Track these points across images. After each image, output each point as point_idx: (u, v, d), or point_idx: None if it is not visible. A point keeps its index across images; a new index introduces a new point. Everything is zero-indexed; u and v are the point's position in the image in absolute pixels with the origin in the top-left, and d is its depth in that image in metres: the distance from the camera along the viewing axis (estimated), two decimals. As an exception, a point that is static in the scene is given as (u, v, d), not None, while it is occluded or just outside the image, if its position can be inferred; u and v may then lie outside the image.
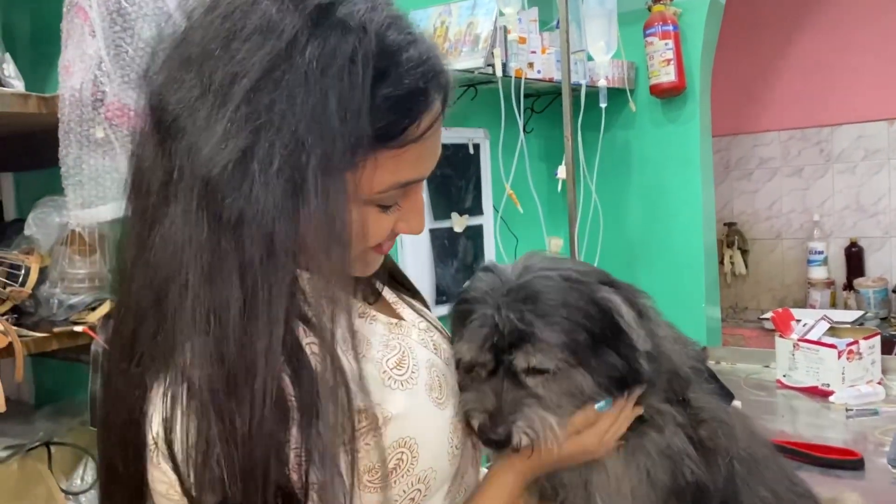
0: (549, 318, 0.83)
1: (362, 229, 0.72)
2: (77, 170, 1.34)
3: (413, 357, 0.82)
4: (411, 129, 0.69)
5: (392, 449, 0.75)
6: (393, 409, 0.76)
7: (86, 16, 1.33)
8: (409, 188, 0.75)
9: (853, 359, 2.06)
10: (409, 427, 0.77)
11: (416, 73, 0.68)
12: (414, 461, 0.77)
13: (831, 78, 3.60)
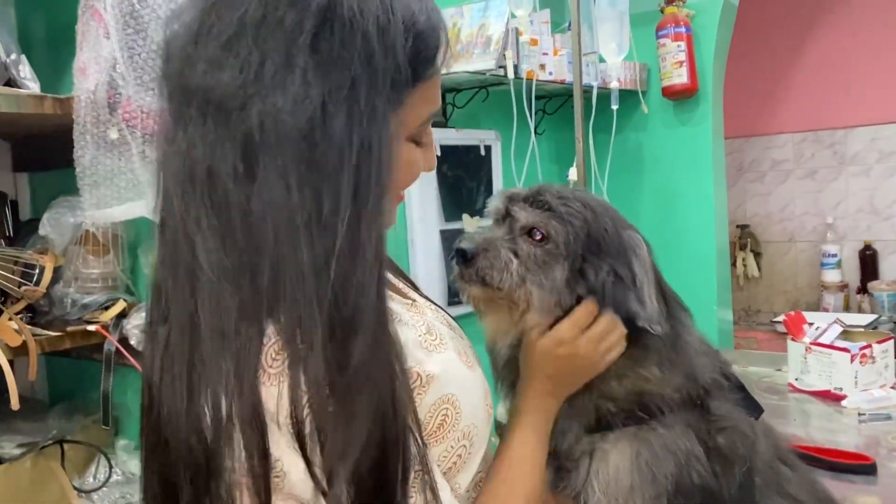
0: (567, 209, 0.90)
1: (407, 167, 0.78)
2: (92, 170, 1.36)
3: (437, 328, 0.86)
4: (437, 60, 0.75)
5: (437, 406, 0.78)
6: (432, 369, 0.79)
7: (101, 18, 1.34)
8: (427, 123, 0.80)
9: (866, 363, 2.05)
10: (448, 384, 0.80)
11: (429, 8, 0.74)
12: (458, 416, 0.80)
13: (845, 80, 3.58)
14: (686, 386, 0.93)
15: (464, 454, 0.82)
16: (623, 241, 0.92)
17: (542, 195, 0.92)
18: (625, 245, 0.92)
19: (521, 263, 0.89)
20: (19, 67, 1.41)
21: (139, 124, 1.33)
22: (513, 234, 0.91)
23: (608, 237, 0.91)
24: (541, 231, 0.90)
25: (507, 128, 2.26)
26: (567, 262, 0.89)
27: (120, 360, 1.46)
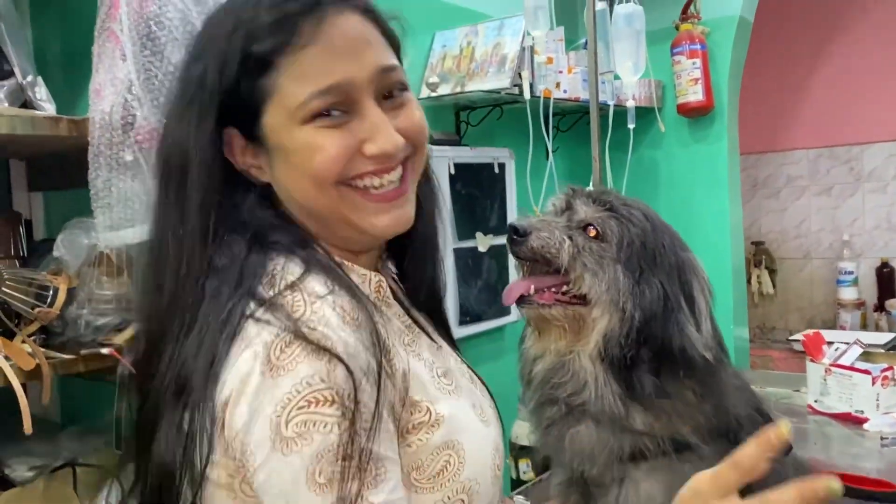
0: (628, 213, 0.90)
1: (311, 151, 0.74)
2: (106, 192, 1.35)
3: (454, 375, 0.83)
4: (292, 40, 0.73)
5: (440, 450, 0.75)
6: (442, 411, 0.76)
7: (117, 40, 1.34)
8: (356, 104, 0.75)
9: (888, 385, 2.01)
10: (456, 431, 0.76)
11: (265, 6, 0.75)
12: (460, 467, 0.76)
13: (860, 96, 3.55)
14: (719, 418, 0.90)
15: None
16: (681, 261, 0.91)
17: (606, 195, 0.92)
18: (683, 265, 0.91)
19: (574, 246, 0.88)
20: (35, 89, 1.41)
21: (154, 146, 1.32)
22: (570, 224, 0.90)
23: (664, 253, 0.89)
24: (597, 228, 0.89)
25: (521, 146, 2.25)
26: (620, 266, 0.87)
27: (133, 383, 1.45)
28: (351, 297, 0.72)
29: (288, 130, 0.74)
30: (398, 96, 0.79)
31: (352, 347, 0.68)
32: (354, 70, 0.74)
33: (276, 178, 0.78)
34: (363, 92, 0.75)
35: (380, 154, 0.75)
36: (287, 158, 0.75)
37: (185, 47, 0.82)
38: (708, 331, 0.88)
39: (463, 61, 2.16)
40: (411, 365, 0.76)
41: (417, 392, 0.74)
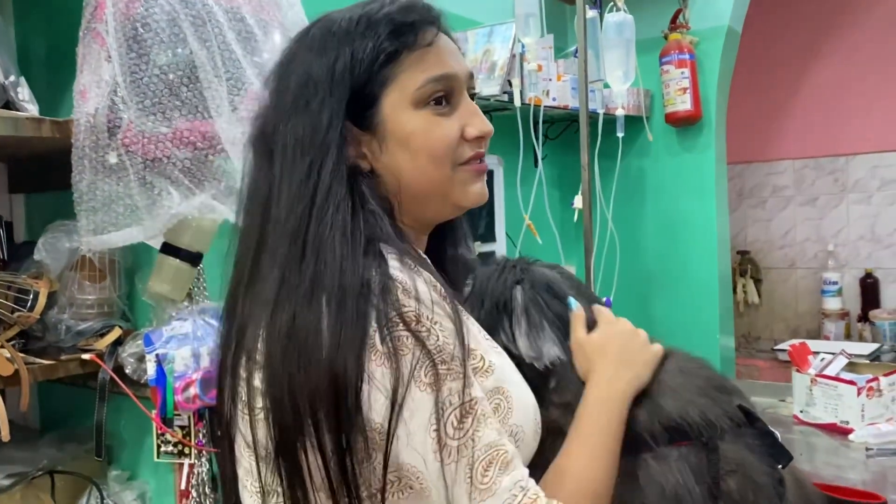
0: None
1: (424, 133, 0.86)
2: (90, 195, 1.33)
3: (500, 347, 0.94)
4: (416, 41, 0.87)
5: (493, 393, 0.83)
6: (493, 360, 0.85)
7: (102, 41, 1.31)
8: (454, 97, 0.89)
9: (873, 396, 2.02)
10: (504, 381, 0.85)
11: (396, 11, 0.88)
12: (509, 411, 0.84)
13: (847, 107, 3.58)
14: (660, 420, 0.94)
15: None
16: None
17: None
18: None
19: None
20: (18, 90, 1.38)
21: (140, 149, 1.30)
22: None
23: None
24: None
25: (510, 153, 2.24)
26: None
27: (114, 389, 1.43)
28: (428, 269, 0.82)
29: (405, 114, 0.86)
30: (475, 102, 0.93)
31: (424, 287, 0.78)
32: (459, 68, 0.90)
33: (384, 162, 0.88)
34: (462, 87, 0.90)
35: (479, 135, 0.89)
36: (406, 143, 0.87)
37: (299, 46, 0.89)
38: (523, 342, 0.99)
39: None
40: (464, 319, 0.84)
41: (472, 342, 0.83)
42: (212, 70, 1.30)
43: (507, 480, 0.76)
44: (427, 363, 0.75)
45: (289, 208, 0.82)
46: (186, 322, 1.40)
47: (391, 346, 0.74)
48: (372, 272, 0.77)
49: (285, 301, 0.78)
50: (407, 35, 0.86)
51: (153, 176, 1.31)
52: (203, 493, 1.45)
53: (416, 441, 0.75)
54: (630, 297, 2.67)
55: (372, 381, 0.74)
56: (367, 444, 0.74)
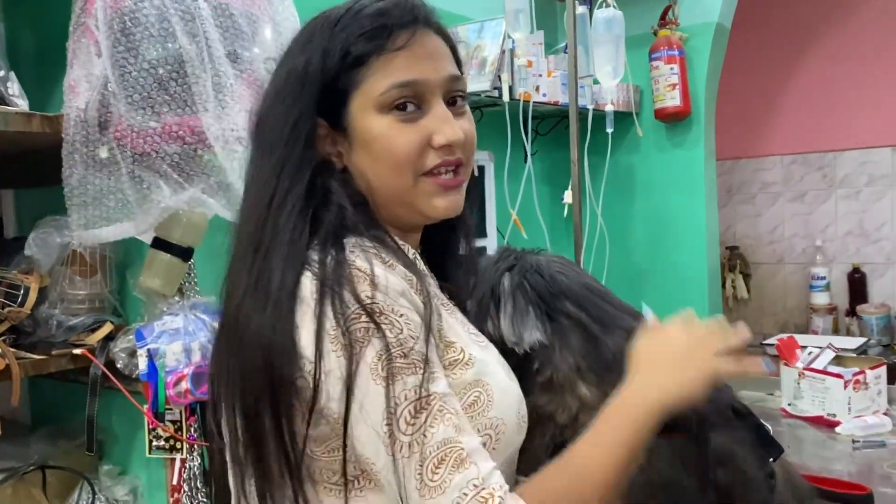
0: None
1: (389, 141, 0.86)
2: (81, 190, 1.33)
3: (485, 339, 0.94)
4: (387, 45, 0.86)
5: (471, 386, 0.84)
6: (474, 353, 0.86)
7: (92, 35, 1.32)
8: (425, 103, 0.87)
9: (859, 388, 2.04)
10: (484, 374, 0.86)
11: (370, 14, 0.88)
12: (489, 404, 0.84)
13: (835, 104, 3.60)
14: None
15: (487, 445, 0.84)
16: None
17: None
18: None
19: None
20: (8, 84, 1.38)
21: (130, 143, 1.30)
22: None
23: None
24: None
25: (500, 149, 2.25)
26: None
27: (106, 384, 1.43)
28: (401, 261, 0.82)
29: (369, 118, 0.86)
30: (460, 105, 0.91)
31: (391, 278, 0.78)
32: (431, 73, 0.87)
33: (353, 163, 0.89)
34: (435, 93, 0.88)
35: (446, 143, 0.87)
36: (368, 146, 0.87)
37: (293, 40, 0.91)
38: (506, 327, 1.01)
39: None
40: (443, 313, 0.87)
41: (451, 335, 0.85)
42: (200, 65, 1.30)
43: (459, 478, 0.74)
44: (385, 356, 0.75)
45: (255, 202, 0.86)
46: (178, 317, 1.41)
47: (350, 337, 0.75)
48: (330, 263, 0.78)
49: (238, 292, 0.82)
50: (378, 38, 0.86)
51: (143, 170, 1.31)
52: (195, 488, 1.45)
53: (370, 434, 0.75)
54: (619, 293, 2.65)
55: (331, 372, 0.75)
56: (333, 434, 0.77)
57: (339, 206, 0.85)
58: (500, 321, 1.01)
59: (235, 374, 0.81)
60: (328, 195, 0.85)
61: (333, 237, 0.82)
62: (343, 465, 0.78)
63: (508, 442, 0.87)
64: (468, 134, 0.90)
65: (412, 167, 0.87)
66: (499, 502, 0.73)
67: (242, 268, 0.83)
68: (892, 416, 2.05)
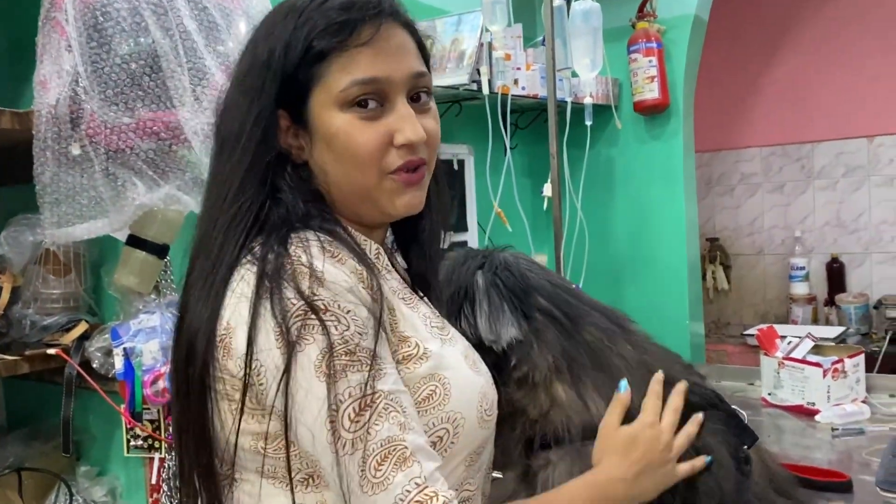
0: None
1: (349, 138, 0.84)
2: (53, 188, 1.31)
3: (452, 332, 0.93)
4: (349, 40, 0.84)
5: (426, 380, 0.83)
6: (431, 347, 0.85)
7: (63, 30, 1.29)
8: (388, 100, 0.86)
9: (838, 377, 2.06)
10: (442, 367, 0.85)
11: (335, 7, 0.86)
12: (445, 398, 0.84)
13: (812, 95, 3.63)
14: (635, 409, 0.96)
15: (445, 439, 0.84)
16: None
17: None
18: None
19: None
20: (-24, 80, 1.36)
21: (103, 140, 1.28)
22: None
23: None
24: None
25: (480, 142, 2.24)
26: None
27: (81, 384, 1.41)
28: (353, 255, 0.81)
29: (329, 114, 0.85)
30: (425, 101, 0.90)
31: (338, 273, 0.78)
32: (393, 70, 0.86)
33: (314, 158, 0.87)
34: (397, 90, 0.86)
35: (407, 142, 0.85)
36: (329, 142, 0.85)
37: (254, 31, 0.89)
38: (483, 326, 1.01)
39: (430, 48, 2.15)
40: (400, 307, 0.86)
41: (408, 329, 0.84)
42: (174, 59, 1.28)
43: (402, 476, 0.74)
44: (329, 353, 0.74)
45: (215, 196, 0.86)
46: (154, 315, 1.39)
47: (292, 334, 0.74)
48: (272, 260, 0.78)
49: (189, 287, 0.84)
50: (340, 33, 0.84)
51: (117, 167, 1.29)
52: (174, 487, 1.44)
53: (314, 431, 0.75)
54: (600, 285, 2.69)
55: (274, 369, 0.75)
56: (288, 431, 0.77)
57: (291, 200, 0.84)
58: (476, 320, 1.01)
59: (172, 367, 0.85)
60: (282, 190, 0.84)
61: (281, 232, 0.81)
62: (287, 462, 0.78)
63: (470, 436, 0.87)
64: (431, 132, 0.89)
65: (376, 166, 0.86)
66: (443, 502, 0.74)
67: (198, 261, 0.85)
68: (870, 404, 2.07)
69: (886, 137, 3.48)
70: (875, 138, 3.50)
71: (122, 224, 1.32)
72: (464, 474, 0.88)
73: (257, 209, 0.83)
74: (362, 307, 0.77)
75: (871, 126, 3.50)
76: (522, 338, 1.00)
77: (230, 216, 0.83)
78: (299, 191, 0.85)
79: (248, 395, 0.78)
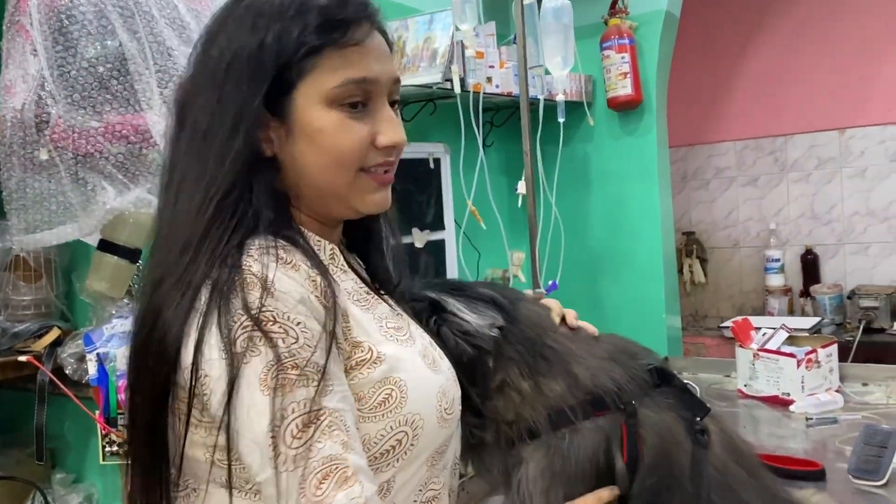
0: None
1: (338, 134, 0.84)
2: (20, 193, 1.30)
3: (411, 331, 0.92)
4: (344, 38, 0.84)
5: (381, 384, 0.82)
6: (385, 351, 0.84)
7: (27, 34, 1.28)
8: (372, 101, 0.87)
9: (812, 367, 2.09)
10: (397, 370, 0.84)
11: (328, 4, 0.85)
12: (402, 401, 0.83)
13: (784, 89, 3.67)
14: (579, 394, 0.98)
15: (404, 441, 0.84)
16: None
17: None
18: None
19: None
20: (-60, 86, 1.34)
21: (70, 145, 1.27)
22: None
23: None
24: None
25: (455, 141, 2.25)
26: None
27: (55, 391, 1.40)
28: (307, 262, 0.80)
29: (315, 109, 0.84)
30: (396, 108, 0.92)
31: (290, 283, 0.76)
32: (382, 72, 0.87)
33: (288, 152, 0.85)
34: (382, 92, 0.88)
35: (389, 145, 0.87)
36: (312, 138, 0.84)
37: (235, 18, 0.85)
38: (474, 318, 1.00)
39: (394, 56, 2.14)
40: (353, 311, 0.85)
41: (360, 335, 0.83)
42: (142, 62, 1.28)
43: (342, 496, 0.72)
44: (275, 366, 0.73)
45: (190, 194, 0.82)
46: (127, 320, 1.38)
47: (238, 345, 0.73)
48: (226, 270, 0.76)
49: (157, 283, 0.81)
50: (336, 30, 0.84)
51: (86, 171, 1.28)
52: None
53: (255, 445, 0.73)
54: (576, 281, 2.71)
55: (219, 380, 0.74)
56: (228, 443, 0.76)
57: (260, 201, 0.82)
58: (460, 315, 1.00)
59: (132, 370, 0.84)
60: (254, 188, 0.83)
61: (240, 239, 0.79)
62: (229, 473, 0.78)
63: (430, 436, 0.86)
64: (403, 136, 0.90)
65: (356, 164, 0.86)
66: None
67: (159, 259, 0.83)
68: (843, 394, 2.10)
69: (857, 130, 3.52)
70: (846, 130, 3.55)
71: (92, 229, 1.31)
72: (427, 474, 0.88)
73: (232, 210, 0.81)
74: (313, 319, 0.76)
75: (842, 119, 3.54)
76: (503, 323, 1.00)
77: (214, 220, 0.80)
78: (266, 189, 0.84)
79: (198, 408, 0.77)
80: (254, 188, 0.82)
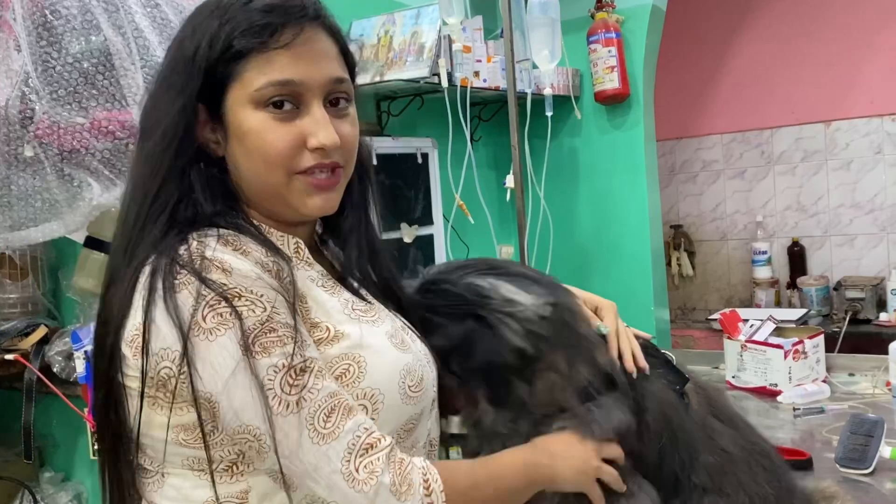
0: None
1: (262, 137, 0.87)
2: (5, 191, 1.29)
3: (380, 315, 0.94)
4: (269, 41, 0.86)
5: (338, 359, 0.86)
6: (345, 330, 0.88)
7: (11, 30, 1.27)
8: (303, 103, 0.88)
9: (799, 358, 2.10)
10: (358, 347, 0.88)
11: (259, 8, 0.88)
12: (360, 376, 0.86)
13: (770, 82, 3.68)
14: (594, 372, 1.04)
15: (366, 414, 0.86)
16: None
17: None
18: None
19: None
20: (-78, 83, 1.33)
21: (56, 141, 1.26)
22: None
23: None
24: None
25: (443, 135, 2.25)
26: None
27: (43, 389, 1.39)
28: (258, 246, 0.84)
29: (244, 111, 0.87)
30: (343, 107, 0.92)
31: (242, 264, 0.81)
32: (310, 74, 0.88)
33: (229, 153, 0.89)
34: (314, 94, 0.88)
35: (319, 146, 0.88)
36: (242, 140, 0.87)
37: (181, 28, 0.91)
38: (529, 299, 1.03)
39: (381, 50, 2.14)
40: (315, 293, 0.89)
41: (320, 315, 0.87)
42: (127, 57, 1.27)
43: (351, 423, 0.80)
44: (252, 333, 0.78)
45: (133, 189, 0.88)
46: (115, 317, 1.37)
47: (213, 322, 0.77)
48: (174, 256, 0.80)
49: (108, 283, 0.86)
50: (261, 34, 0.86)
51: (71, 168, 1.27)
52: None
53: (246, 406, 0.77)
54: (565, 275, 2.68)
55: (199, 358, 0.78)
56: (213, 418, 0.79)
57: (202, 197, 0.87)
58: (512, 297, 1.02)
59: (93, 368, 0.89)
60: (196, 186, 0.87)
61: (187, 228, 0.84)
62: (207, 451, 0.81)
63: (392, 411, 0.89)
64: (347, 137, 0.91)
65: (284, 165, 0.88)
66: (388, 444, 0.81)
67: (115, 258, 0.87)
68: (830, 384, 2.12)
69: (842, 122, 3.54)
70: (832, 123, 3.57)
71: (78, 225, 1.30)
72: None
73: (173, 206, 0.85)
74: (274, 291, 0.81)
75: (828, 111, 3.57)
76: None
77: (145, 214, 0.85)
78: (213, 187, 0.88)
79: (163, 390, 0.80)
80: (201, 185, 0.87)
